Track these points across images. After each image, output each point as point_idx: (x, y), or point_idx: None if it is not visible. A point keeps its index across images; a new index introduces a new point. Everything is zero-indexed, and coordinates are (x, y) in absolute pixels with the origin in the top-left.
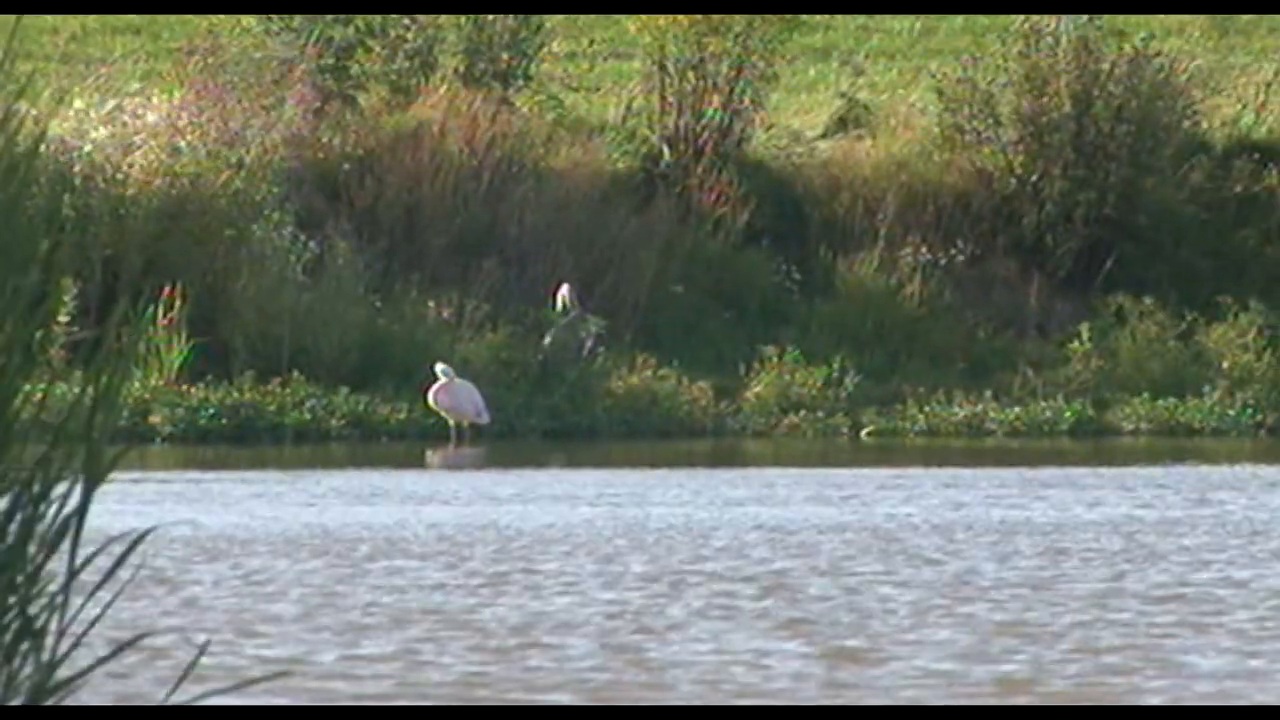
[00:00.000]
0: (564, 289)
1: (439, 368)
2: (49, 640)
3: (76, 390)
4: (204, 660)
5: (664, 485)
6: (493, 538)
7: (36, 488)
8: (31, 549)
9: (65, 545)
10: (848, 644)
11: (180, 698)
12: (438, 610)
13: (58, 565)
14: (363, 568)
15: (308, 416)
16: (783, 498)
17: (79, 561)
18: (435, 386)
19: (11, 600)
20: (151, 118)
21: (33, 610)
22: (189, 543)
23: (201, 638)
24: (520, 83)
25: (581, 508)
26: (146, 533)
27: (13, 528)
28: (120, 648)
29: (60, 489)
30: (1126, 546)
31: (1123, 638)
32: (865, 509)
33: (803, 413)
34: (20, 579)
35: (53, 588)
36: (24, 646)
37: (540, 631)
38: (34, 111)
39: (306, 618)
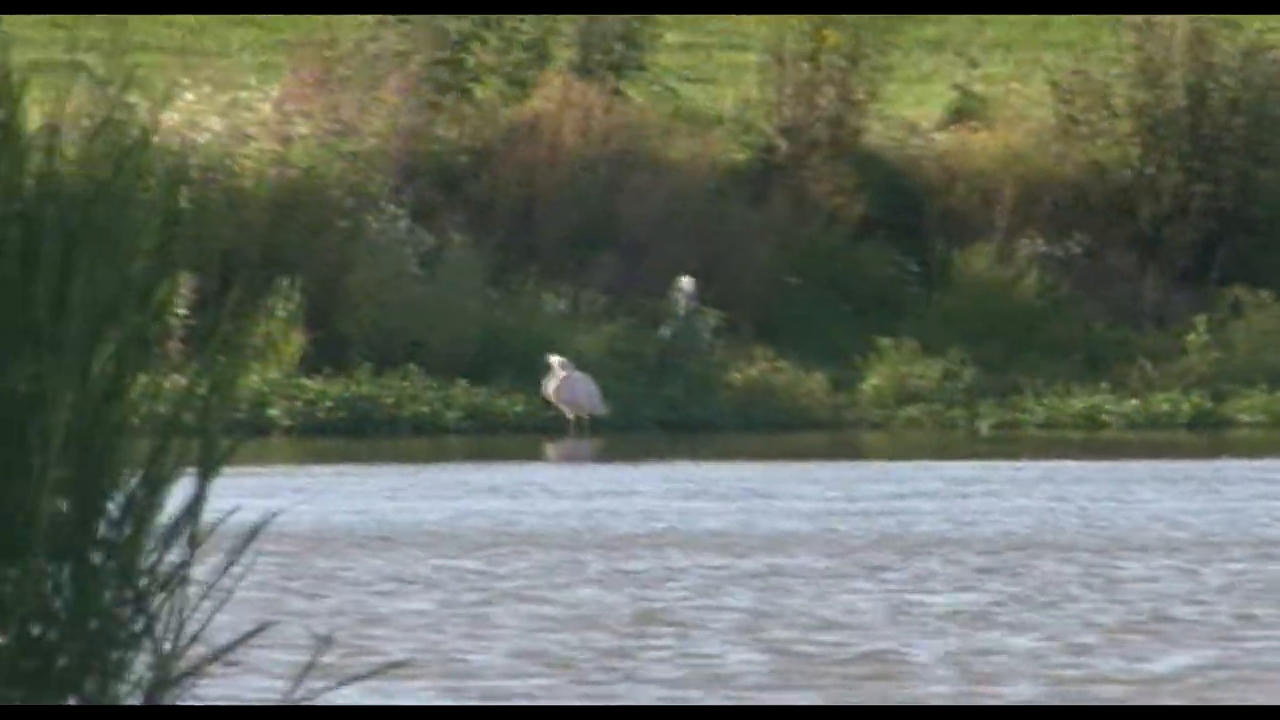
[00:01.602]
0: (683, 280)
1: (553, 360)
2: (166, 634)
3: (190, 381)
4: (328, 655)
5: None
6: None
7: (152, 481)
8: (148, 542)
9: (181, 538)
10: None
11: (302, 692)
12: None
13: (174, 558)
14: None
15: (425, 409)
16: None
17: (194, 554)
18: (554, 380)
19: (128, 594)
20: (265, 109)
21: (149, 604)
22: (308, 535)
23: (323, 631)
24: (635, 74)
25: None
26: (264, 523)
27: (129, 520)
28: (238, 641)
29: (175, 481)
30: None
31: None
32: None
33: (920, 405)
34: (136, 572)
35: (168, 581)
36: (141, 641)
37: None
38: (146, 103)
39: (430, 612)
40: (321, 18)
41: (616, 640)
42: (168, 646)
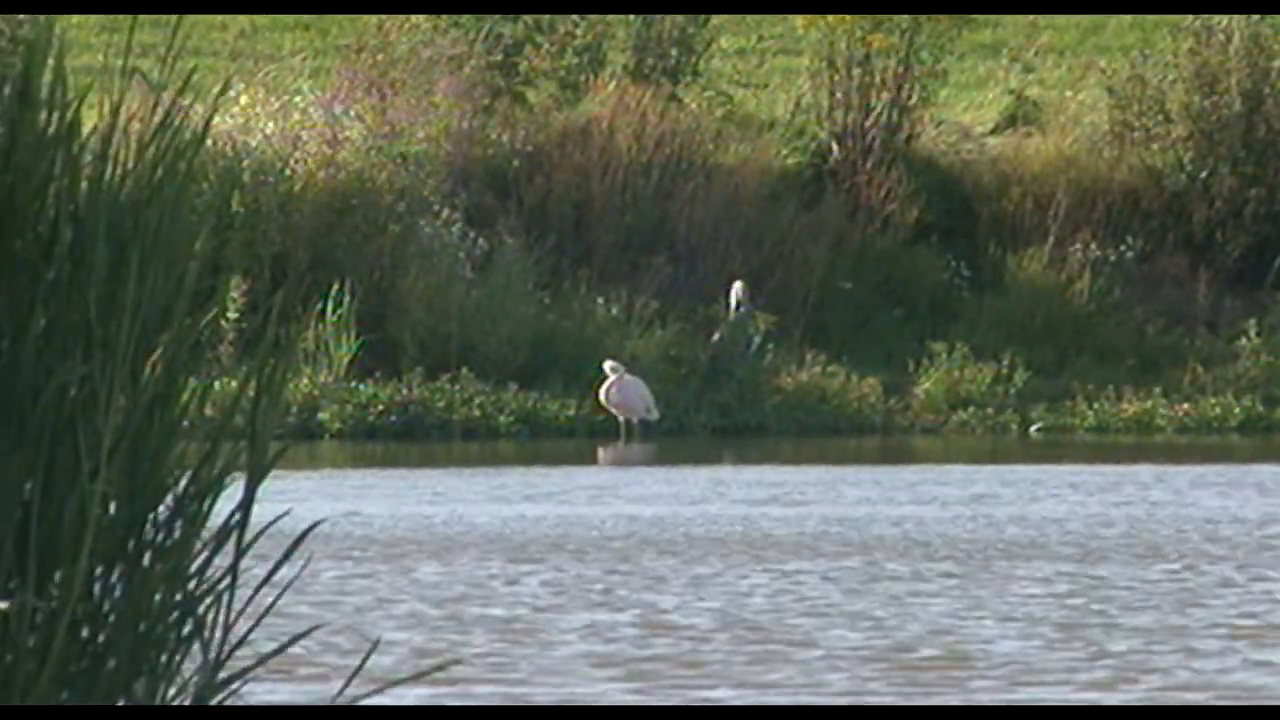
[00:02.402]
0: (736, 286)
1: (607, 365)
2: (215, 637)
3: (239, 384)
4: (376, 658)
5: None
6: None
7: (201, 484)
8: (197, 545)
9: (230, 542)
10: None
11: (350, 695)
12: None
13: (223, 561)
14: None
15: (476, 413)
16: None
17: (243, 557)
18: (606, 383)
19: (177, 597)
20: (316, 112)
21: (198, 607)
22: (360, 539)
23: (373, 635)
24: (689, 79)
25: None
26: (313, 527)
27: (178, 523)
28: (287, 644)
29: (225, 484)
30: None
31: None
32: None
33: (972, 409)
34: (186, 575)
35: (218, 584)
36: (190, 644)
37: None
38: (199, 107)
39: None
40: (375, 22)
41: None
42: (216, 650)
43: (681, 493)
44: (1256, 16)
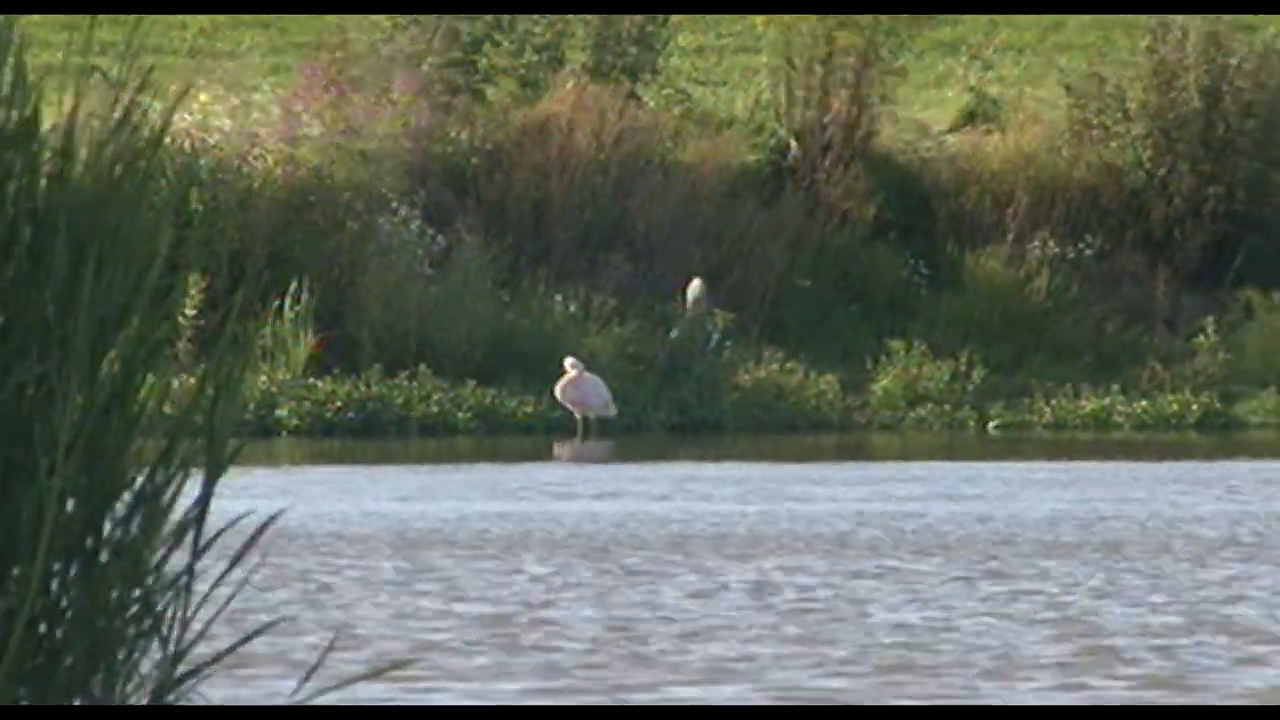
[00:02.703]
0: (695, 283)
1: (568, 361)
2: (173, 633)
3: (197, 381)
4: (336, 655)
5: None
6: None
7: (159, 480)
8: (155, 542)
9: (188, 538)
10: None
11: (307, 691)
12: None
13: (181, 558)
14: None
15: (434, 410)
16: None
17: (201, 554)
18: (563, 380)
19: (135, 594)
20: (275, 110)
21: (157, 603)
22: (316, 535)
23: (330, 630)
24: (648, 77)
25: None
26: (270, 521)
27: (136, 520)
28: (244, 639)
29: (183, 481)
30: None
31: None
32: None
33: (929, 406)
34: (144, 571)
35: (176, 581)
36: (148, 640)
37: None
38: (158, 105)
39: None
40: (334, 20)
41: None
42: (174, 646)
43: (651, 490)
44: (1214, 14)
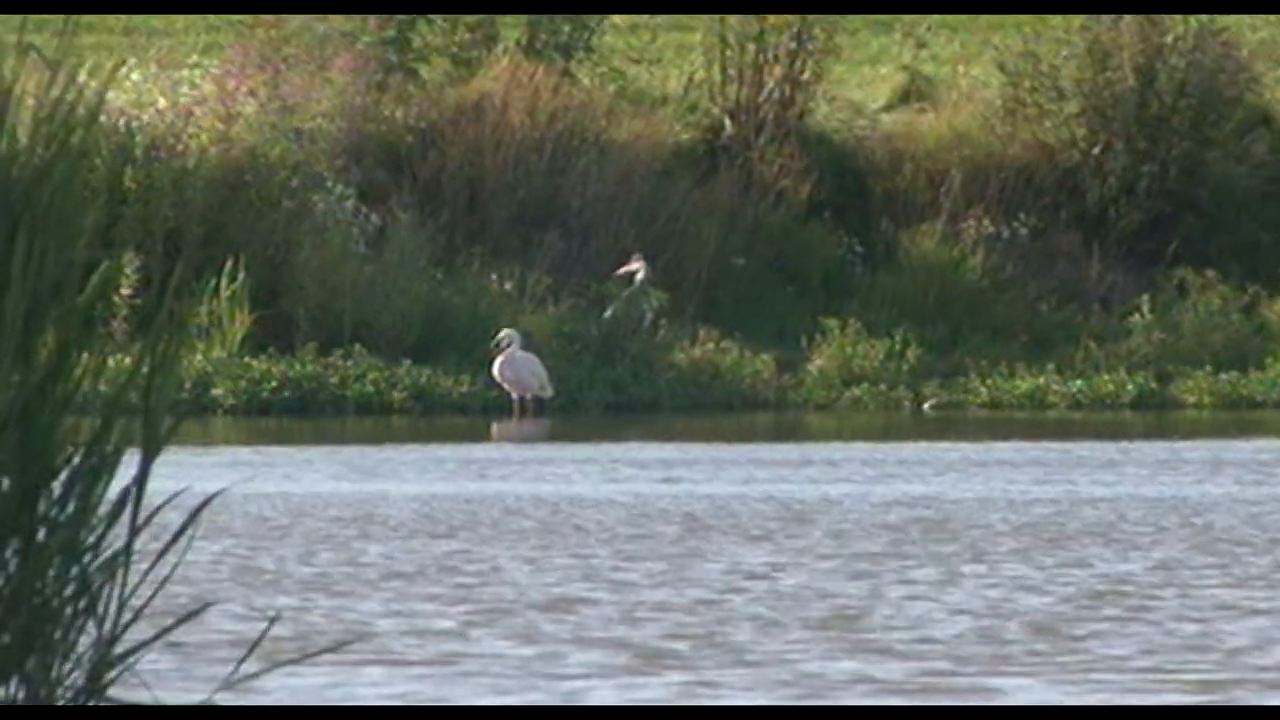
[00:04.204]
0: (636, 260)
1: (503, 332)
2: (109, 613)
3: (133, 359)
4: (275, 634)
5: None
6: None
7: (95, 459)
8: (91, 521)
9: (125, 517)
10: None
11: (246, 670)
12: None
13: (117, 537)
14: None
15: (370, 389)
16: None
17: (137, 532)
18: (499, 360)
19: (72, 572)
20: (209, 87)
21: (93, 583)
22: (252, 514)
23: (268, 610)
24: (582, 55)
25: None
26: (208, 500)
27: (72, 499)
28: (181, 619)
29: (119, 459)
30: None
31: None
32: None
33: (865, 385)
34: (80, 550)
35: (112, 560)
36: (84, 620)
37: None
38: (91, 83)
39: (373, 586)
40: None
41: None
42: (110, 626)
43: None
44: None
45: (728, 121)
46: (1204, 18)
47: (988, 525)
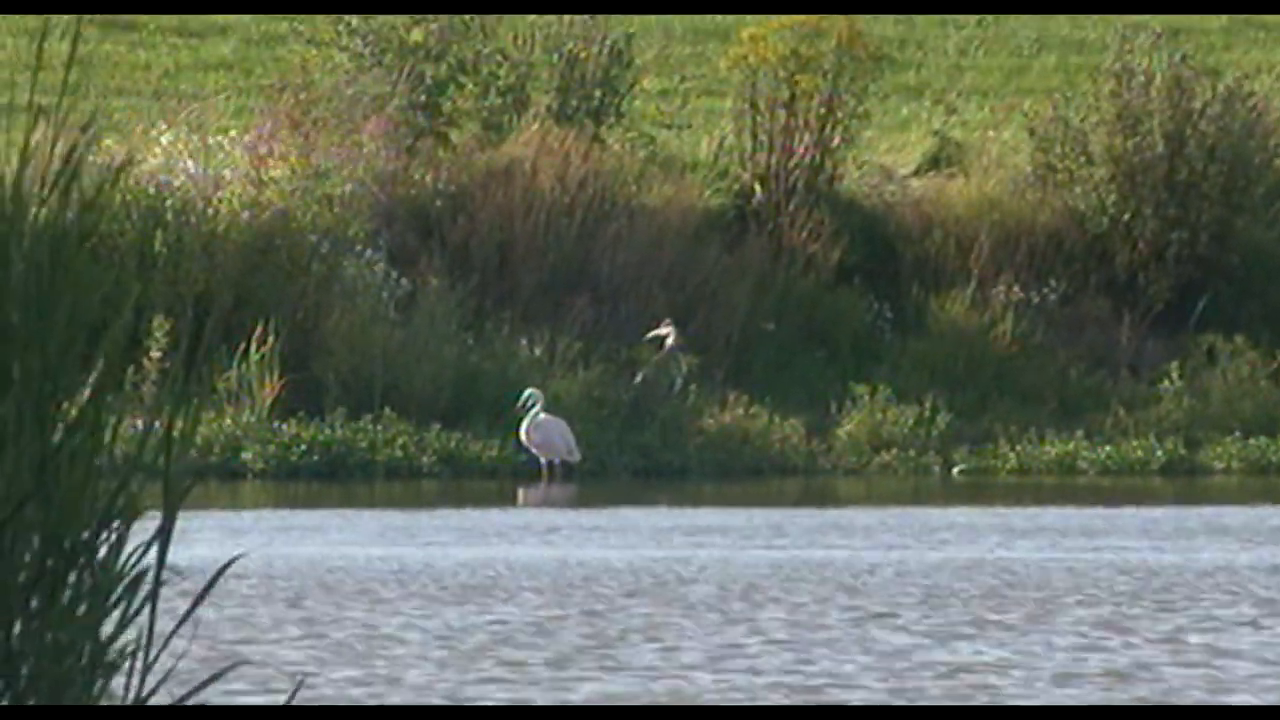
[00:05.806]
0: (666, 325)
1: (527, 392)
2: (135, 675)
3: (146, 420)
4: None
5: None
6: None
7: (118, 521)
8: (113, 582)
9: (147, 579)
10: None
11: None
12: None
13: (140, 599)
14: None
15: (399, 454)
16: None
17: (161, 595)
18: (525, 423)
19: (96, 634)
20: (239, 151)
21: (117, 644)
22: (280, 577)
23: (293, 671)
24: (612, 120)
25: None
26: (230, 563)
27: (95, 562)
28: (209, 680)
29: (141, 522)
30: None
31: None
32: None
33: (894, 451)
34: (102, 612)
35: (137, 621)
36: (108, 681)
37: None
38: (119, 148)
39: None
40: (298, 61)
41: None
42: (135, 691)
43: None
44: (1178, 58)
45: (758, 187)
46: (1232, 82)
47: None
